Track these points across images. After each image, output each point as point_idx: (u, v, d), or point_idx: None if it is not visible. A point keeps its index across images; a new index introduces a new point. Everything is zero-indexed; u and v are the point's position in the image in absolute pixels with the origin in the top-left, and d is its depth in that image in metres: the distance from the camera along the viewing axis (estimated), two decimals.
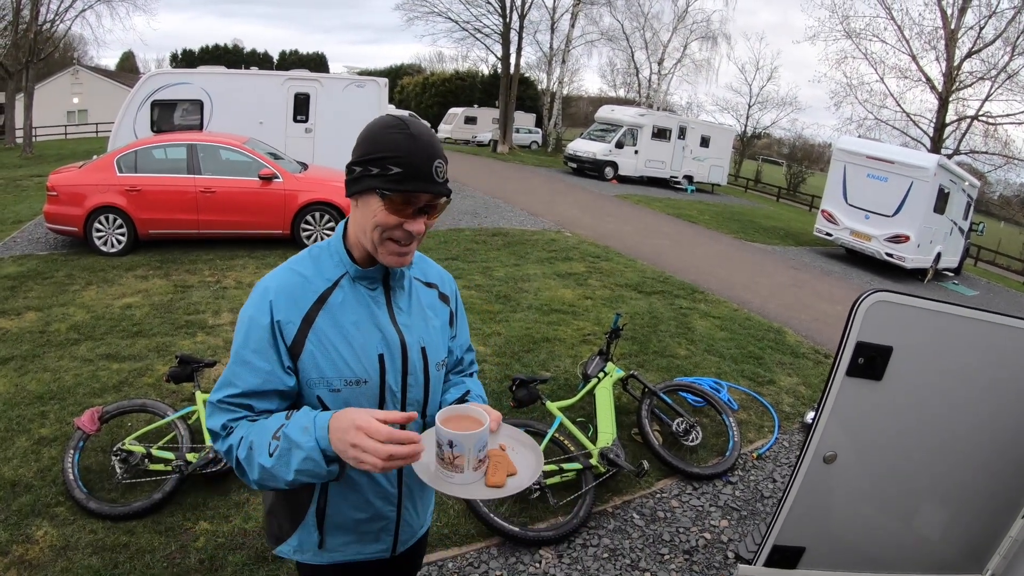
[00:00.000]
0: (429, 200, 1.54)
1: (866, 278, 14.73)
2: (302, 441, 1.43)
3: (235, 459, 1.53)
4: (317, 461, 1.43)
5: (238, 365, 1.58)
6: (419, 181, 1.51)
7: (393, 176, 1.50)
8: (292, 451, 1.44)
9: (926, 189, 14.90)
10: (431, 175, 1.52)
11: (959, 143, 26.87)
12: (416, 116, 13.61)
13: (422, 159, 1.51)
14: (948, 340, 2.00)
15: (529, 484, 1.55)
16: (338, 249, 1.67)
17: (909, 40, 26.62)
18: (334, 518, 1.74)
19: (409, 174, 1.50)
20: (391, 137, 1.52)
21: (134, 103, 13.69)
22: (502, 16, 33.99)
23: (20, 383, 5.40)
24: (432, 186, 1.52)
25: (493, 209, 15.38)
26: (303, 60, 67.48)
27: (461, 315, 1.99)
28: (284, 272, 1.65)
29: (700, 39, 40.38)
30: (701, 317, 8.62)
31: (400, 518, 1.82)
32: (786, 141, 57.14)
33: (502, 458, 1.56)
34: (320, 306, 1.61)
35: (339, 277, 1.65)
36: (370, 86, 14.92)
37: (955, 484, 2.21)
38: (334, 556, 1.79)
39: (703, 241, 15.56)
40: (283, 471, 1.46)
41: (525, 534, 3.97)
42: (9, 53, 28.32)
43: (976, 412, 2.11)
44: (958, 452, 2.16)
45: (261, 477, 1.49)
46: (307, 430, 1.44)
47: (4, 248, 9.77)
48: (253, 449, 1.49)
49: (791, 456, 5.46)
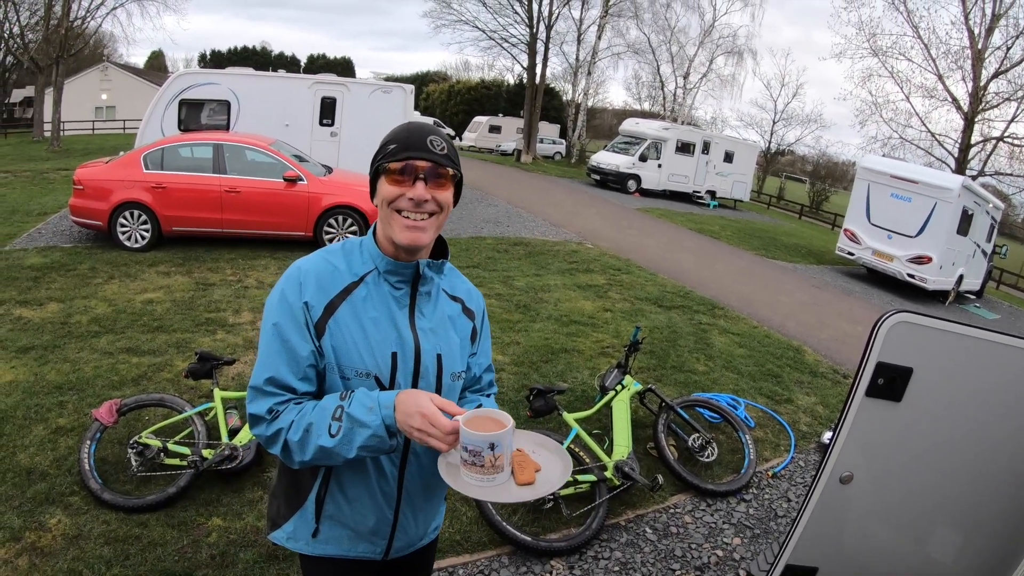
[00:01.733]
0: (429, 169, 1.63)
1: (887, 298, 14.60)
2: (368, 420, 1.53)
3: (283, 441, 1.60)
4: (382, 438, 1.54)
5: (277, 345, 1.64)
6: (414, 150, 1.62)
7: (391, 151, 1.64)
8: (356, 430, 1.54)
9: (950, 210, 14.76)
10: (425, 145, 1.63)
11: (984, 164, 26.61)
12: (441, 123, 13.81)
13: (416, 135, 1.65)
14: (969, 363, 1.98)
15: (561, 483, 1.58)
16: (368, 246, 1.75)
17: (935, 59, 26.46)
18: (331, 509, 1.77)
19: (403, 147, 1.63)
20: (393, 130, 1.70)
21: (162, 101, 13.83)
22: (529, 26, 34.09)
23: (40, 372, 5.46)
24: (426, 154, 1.63)
25: (515, 218, 15.41)
26: (330, 64, 67.96)
27: (485, 333, 2.00)
28: (317, 258, 1.72)
29: (726, 54, 40.19)
30: (720, 333, 8.57)
31: (396, 522, 1.82)
32: (810, 158, 56.66)
33: (524, 458, 1.58)
34: (344, 297, 1.67)
35: (366, 273, 1.71)
36: (396, 92, 15.01)
37: (971, 508, 2.19)
38: (326, 548, 1.81)
39: (724, 257, 15.49)
40: (345, 449, 1.55)
41: (537, 544, 3.96)
42: (40, 48, 28.87)
43: (994, 436, 2.08)
44: (975, 475, 2.13)
45: (315, 457, 1.58)
46: (372, 410, 1.55)
47: (29, 239, 9.91)
48: (310, 432, 1.57)
49: (806, 476, 5.41)
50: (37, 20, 31.74)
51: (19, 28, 33.05)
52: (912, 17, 26.67)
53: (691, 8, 41.12)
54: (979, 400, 2.04)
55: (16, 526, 3.64)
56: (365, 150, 10.17)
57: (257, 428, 1.64)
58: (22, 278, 7.85)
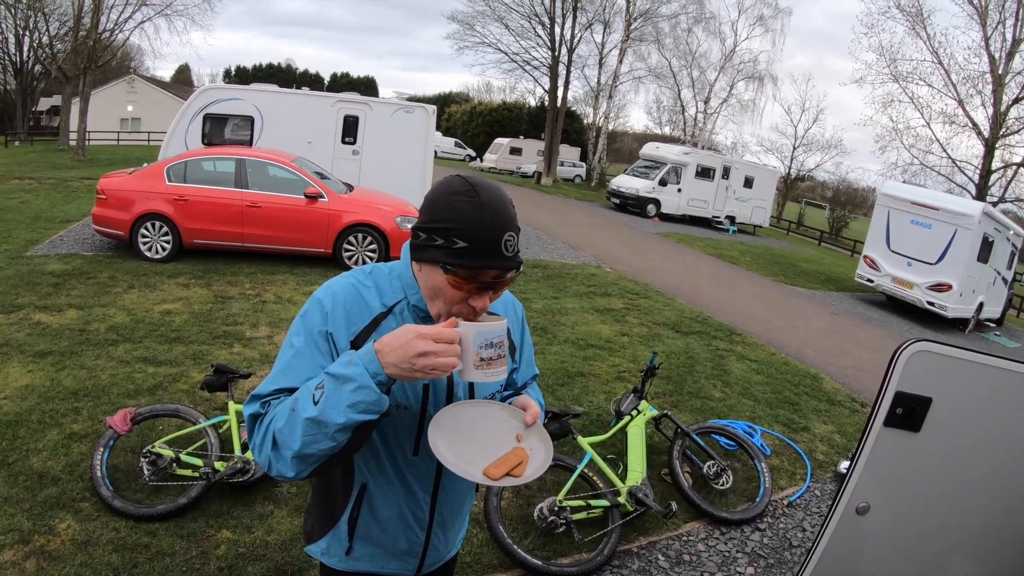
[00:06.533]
0: (496, 276, 1.47)
1: (906, 326, 14.47)
2: (350, 372, 1.36)
3: (272, 436, 1.45)
4: (370, 387, 1.35)
5: (291, 364, 1.54)
6: (486, 257, 1.42)
7: (458, 250, 1.42)
8: (340, 388, 1.36)
9: (970, 237, 14.67)
10: (499, 250, 1.43)
11: (1004, 190, 26.52)
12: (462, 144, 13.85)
13: (491, 233, 1.42)
14: (990, 393, 1.94)
15: (525, 482, 1.54)
16: (403, 274, 1.64)
17: (956, 84, 26.38)
18: (364, 530, 1.75)
19: (475, 249, 1.42)
20: (458, 205, 1.44)
21: (187, 115, 13.98)
22: (551, 49, 34.35)
23: (56, 378, 5.49)
24: (500, 262, 1.44)
25: (534, 240, 15.43)
26: (353, 83, 68.78)
27: (527, 343, 1.94)
28: (346, 287, 1.61)
29: (746, 79, 40.28)
30: (738, 359, 8.52)
31: (428, 543, 1.81)
32: (830, 184, 56.50)
33: (520, 457, 1.56)
34: (372, 330, 1.57)
35: (395, 303, 1.62)
36: (418, 112, 15.09)
37: (992, 543, 2.14)
38: (359, 565, 1.79)
39: (743, 283, 15.42)
40: (333, 413, 1.36)
41: (548, 568, 3.91)
42: (68, 58, 29.43)
43: (1017, 467, 2.04)
44: (996, 510, 2.08)
45: (305, 438, 1.39)
46: (352, 362, 1.38)
47: (51, 246, 10.03)
48: (296, 409, 1.41)
49: (822, 505, 5.34)
50: (66, 31, 32.45)
51: (48, 38, 33.77)
52: (931, 42, 26.67)
53: (712, 33, 41.16)
54: (1000, 430, 2.00)
55: (26, 529, 3.66)
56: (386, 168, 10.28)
57: (251, 435, 1.53)
58: (43, 284, 7.94)
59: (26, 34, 38.01)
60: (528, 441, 1.63)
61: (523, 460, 1.56)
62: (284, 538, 3.88)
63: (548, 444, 1.64)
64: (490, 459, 1.53)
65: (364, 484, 1.71)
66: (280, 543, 3.84)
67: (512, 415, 1.66)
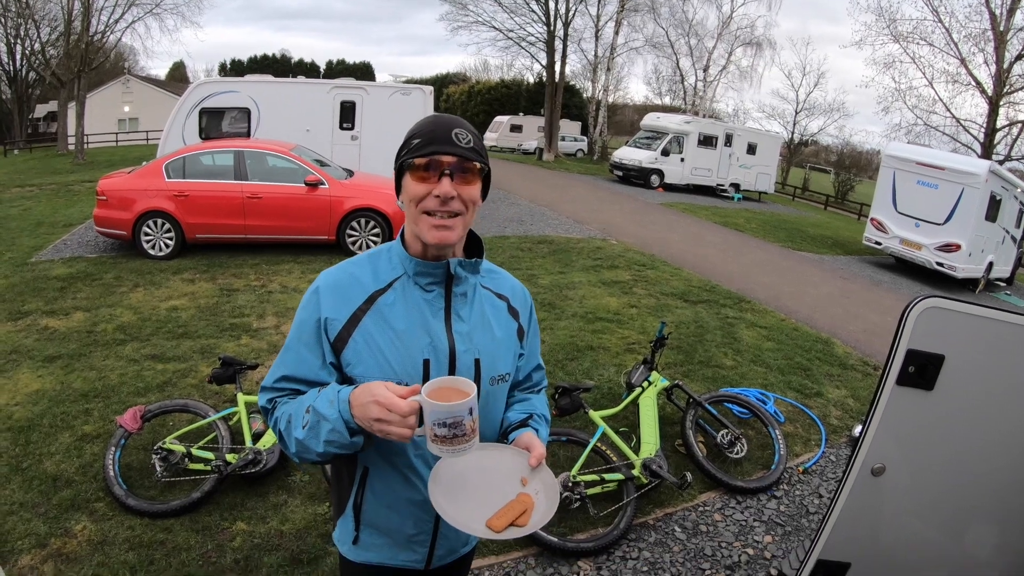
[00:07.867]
0: (455, 163, 1.56)
1: (916, 288, 14.36)
2: (328, 413, 1.48)
3: (279, 433, 1.62)
4: (341, 432, 1.47)
5: (287, 352, 1.66)
6: (438, 144, 1.55)
7: (416, 146, 1.57)
8: (320, 423, 1.49)
9: (977, 196, 14.51)
10: (450, 139, 1.56)
11: (1010, 148, 26.20)
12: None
13: (441, 128, 1.58)
14: (1003, 349, 1.91)
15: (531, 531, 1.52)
16: (397, 250, 1.70)
17: (957, 43, 26.04)
18: (369, 515, 1.74)
19: (428, 140, 1.56)
20: (418, 123, 1.64)
21: (183, 111, 13.96)
22: (546, 24, 34.09)
23: (66, 381, 5.51)
24: (451, 147, 1.56)
25: (539, 217, 15.38)
26: (350, 69, 68.32)
27: (534, 331, 1.95)
28: (338, 270, 1.69)
29: (745, 45, 39.84)
30: (747, 327, 8.47)
31: (437, 531, 1.77)
32: (834, 148, 56.21)
33: (524, 504, 1.53)
34: (369, 306, 1.62)
35: (394, 279, 1.66)
36: (415, 94, 15.02)
37: (1009, 500, 2.11)
38: (367, 555, 1.78)
39: (750, 250, 15.32)
40: (313, 443, 1.51)
41: (564, 545, 3.91)
42: (61, 63, 29.42)
43: None
44: (1012, 466, 2.05)
45: (298, 449, 1.56)
46: (332, 403, 1.48)
47: (55, 250, 10.04)
48: (291, 423, 1.57)
49: (838, 471, 5.31)
50: (57, 36, 32.33)
51: (40, 44, 33.69)
52: (931, 0, 26.30)
53: (708, 0, 40.79)
54: (1015, 387, 1.96)
55: (42, 532, 3.67)
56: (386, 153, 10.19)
57: (268, 421, 1.68)
58: (48, 289, 7.95)
59: (18, 42, 37.89)
60: (532, 485, 1.58)
61: (528, 507, 1.53)
62: (299, 527, 3.89)
63: (554, 486, 1.59)
64: (493, 508, 1.52)
65: (366, 468, 1.70)
66: (295, 532, 3.84)
67: (515, 457, 1.62)
